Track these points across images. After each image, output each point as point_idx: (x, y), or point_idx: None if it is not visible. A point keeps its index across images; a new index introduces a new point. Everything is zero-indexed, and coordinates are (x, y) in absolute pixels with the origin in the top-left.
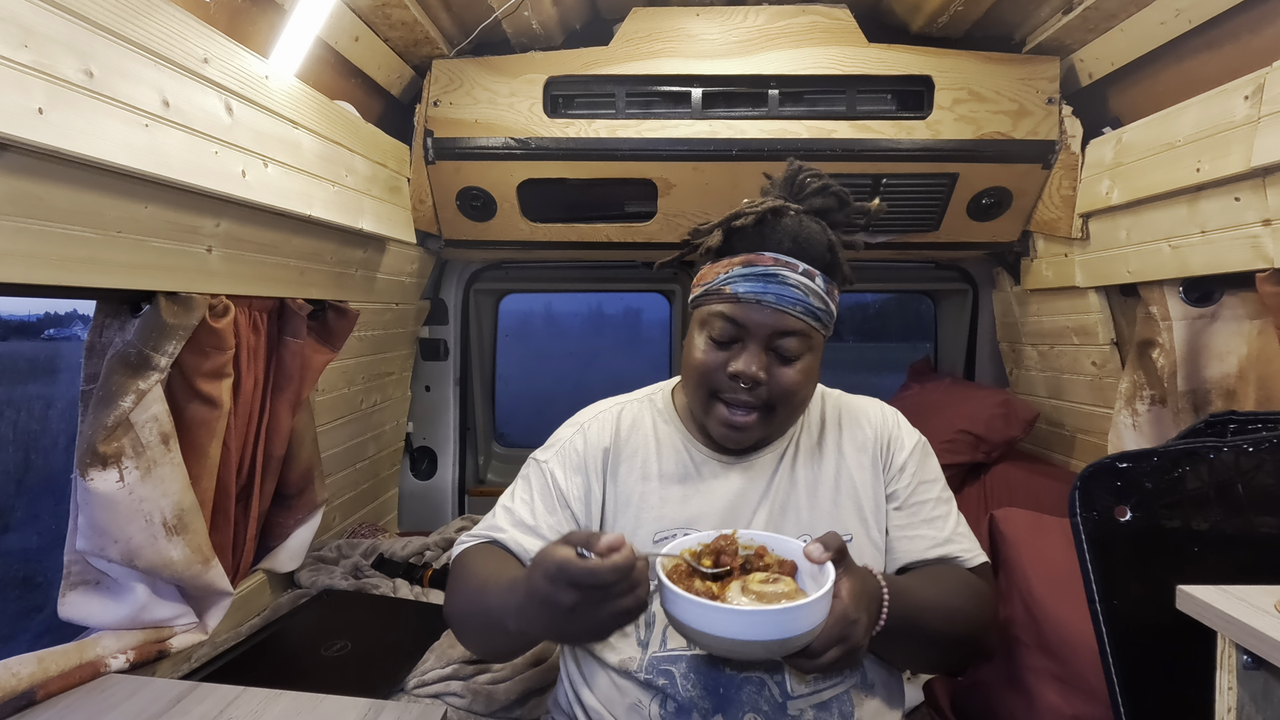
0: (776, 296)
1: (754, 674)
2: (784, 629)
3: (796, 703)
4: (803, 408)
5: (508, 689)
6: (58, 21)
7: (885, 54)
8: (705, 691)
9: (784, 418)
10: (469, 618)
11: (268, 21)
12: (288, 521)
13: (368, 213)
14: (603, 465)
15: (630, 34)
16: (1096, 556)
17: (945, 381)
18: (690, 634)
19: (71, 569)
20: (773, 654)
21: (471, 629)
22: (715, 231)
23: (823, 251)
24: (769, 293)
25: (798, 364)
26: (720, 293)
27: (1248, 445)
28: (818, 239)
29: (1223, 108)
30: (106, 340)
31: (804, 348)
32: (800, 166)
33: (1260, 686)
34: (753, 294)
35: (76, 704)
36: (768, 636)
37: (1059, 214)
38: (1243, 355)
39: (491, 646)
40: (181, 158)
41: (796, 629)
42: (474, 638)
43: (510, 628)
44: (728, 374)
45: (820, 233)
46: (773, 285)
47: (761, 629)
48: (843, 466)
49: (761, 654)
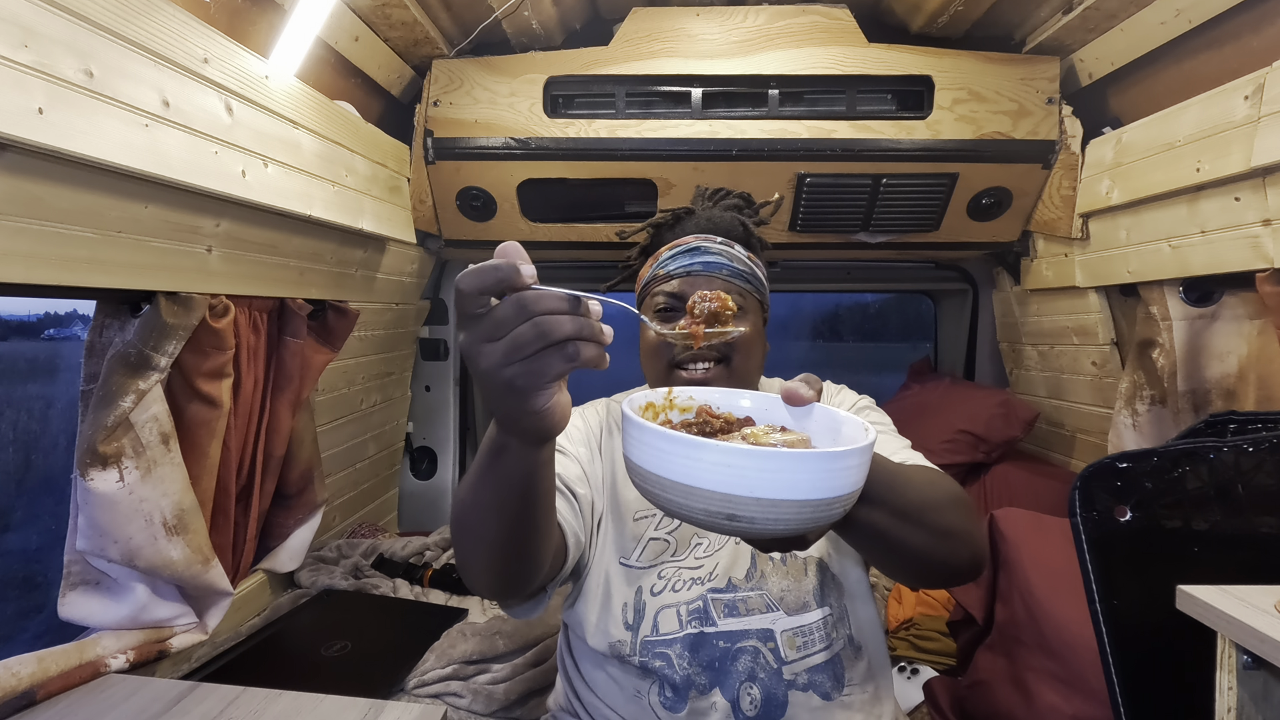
0: (704, 265)
1: (748, 644)
2: (837, 481)
3: (791, 667)
4: (757, 364)
5: (508, 689)
6: (58, 21)
7: (885, 54)
8: (701, 667)
9: (741, 370)
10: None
11: (268, 21)
12: (288, 521)
13: (368, 213)
14: (599, 443)
15: (630, 34)
16: (1096, 556)
17: (945, 381)
18: (693, 498)
19: (71, 569)
20: (812, 522)
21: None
22: (642, 231)
23: (736, 227)
24: (696, 262)
25: (739, 318)
26: (655, 278)
27: (1248, 445)
28: (730, 220)
29: (1223, 108)
30: (106, 340)
31: (740, 304)
32: (709, 189)
33: (1260, 686)
34: (682, 268)
35: (76, 704)
36: (817, 493)
37: (1059, 214)
38: (1243, 355)
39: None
40: (181, 158)
41: (847, 485)
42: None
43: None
44: (675, 353)
45: (732, 217)
46: (698, 256)
47: (812, 481)
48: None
49: (794, 524)
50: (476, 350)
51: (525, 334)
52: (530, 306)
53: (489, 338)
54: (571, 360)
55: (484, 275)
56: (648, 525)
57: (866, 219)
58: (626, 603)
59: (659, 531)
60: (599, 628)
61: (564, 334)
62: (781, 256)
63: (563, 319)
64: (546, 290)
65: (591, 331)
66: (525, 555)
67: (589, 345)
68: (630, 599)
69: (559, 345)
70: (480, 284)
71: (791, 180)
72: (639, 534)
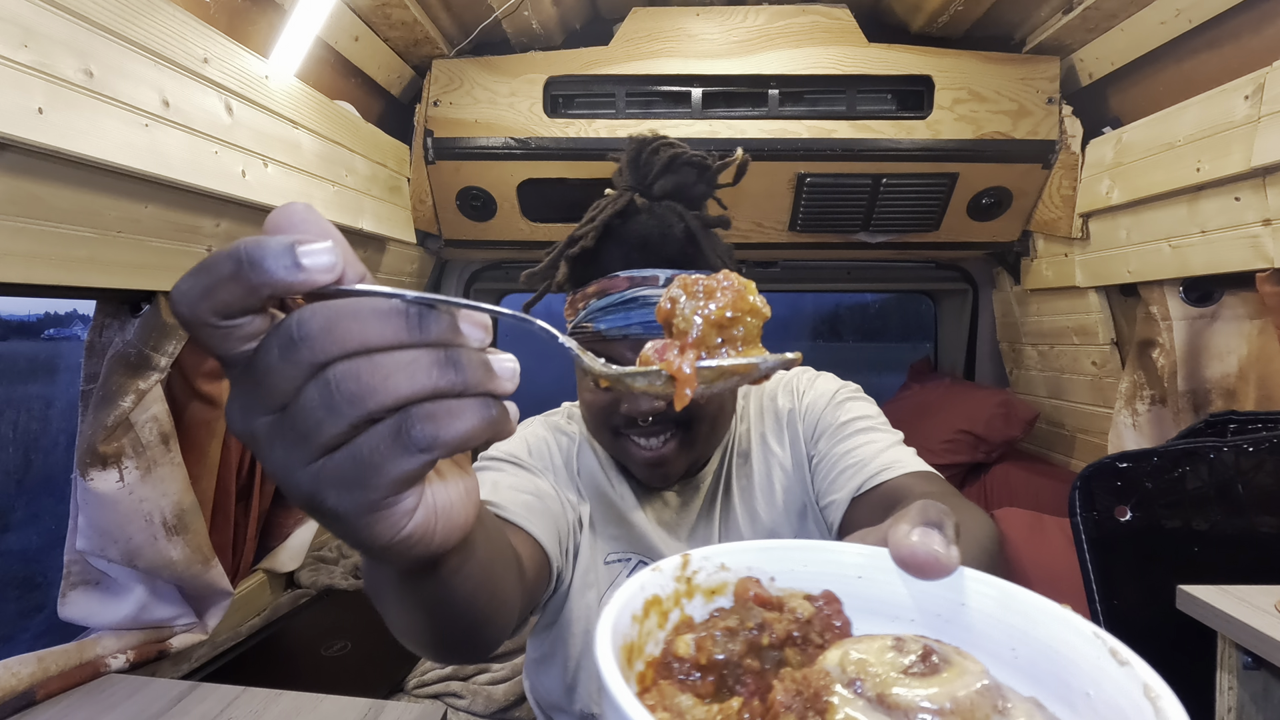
0: (642, 325)
1: None
2: None
3: None
4: (725, 423)
5: (507, 689)
6: (58, 21)
7: (885, 54)
8: None
9: (706, 433)
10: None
11: (268, 21)
12: (288, 521)
13: (368, 212)
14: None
15: (630, 34)
16: (1096, 556)
17: (945, 381)
18: None
19: (71, 569)
20: None
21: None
22: (558, 266)
23: (681, 246)
24: (633, 323)
25: None
26: (584, 331)
27: (1248, 445)
28: (672, 234)
29: (1223, 108)
30: (106, 340)
31: None
32: (644, 142)
33: (1260, 686)
34: (617, 329)
35: (76, 704)
36: None
37: (1059, 214)
38: (1243, 355)
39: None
40: (181, 158)
41: None
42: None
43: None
44: (621, 414)
45: (675, 223)
46: (635, 311)
47: None
48: (770, 459)
49: None
50: (246, 433)
51: (313, 404)
52: (317, 340)
53: (256, 408)
54: (427, 450)
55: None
56: (620, 570)
57: (866, 219)
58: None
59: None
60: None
61: (401, 394)
62: (781, 256)
63: (396, 358)
64: (351, 298)
65: (468, 377)
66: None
67: (467, 407)
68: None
69: (395, 421)
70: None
71: (791, 180)
72: (611, 578)
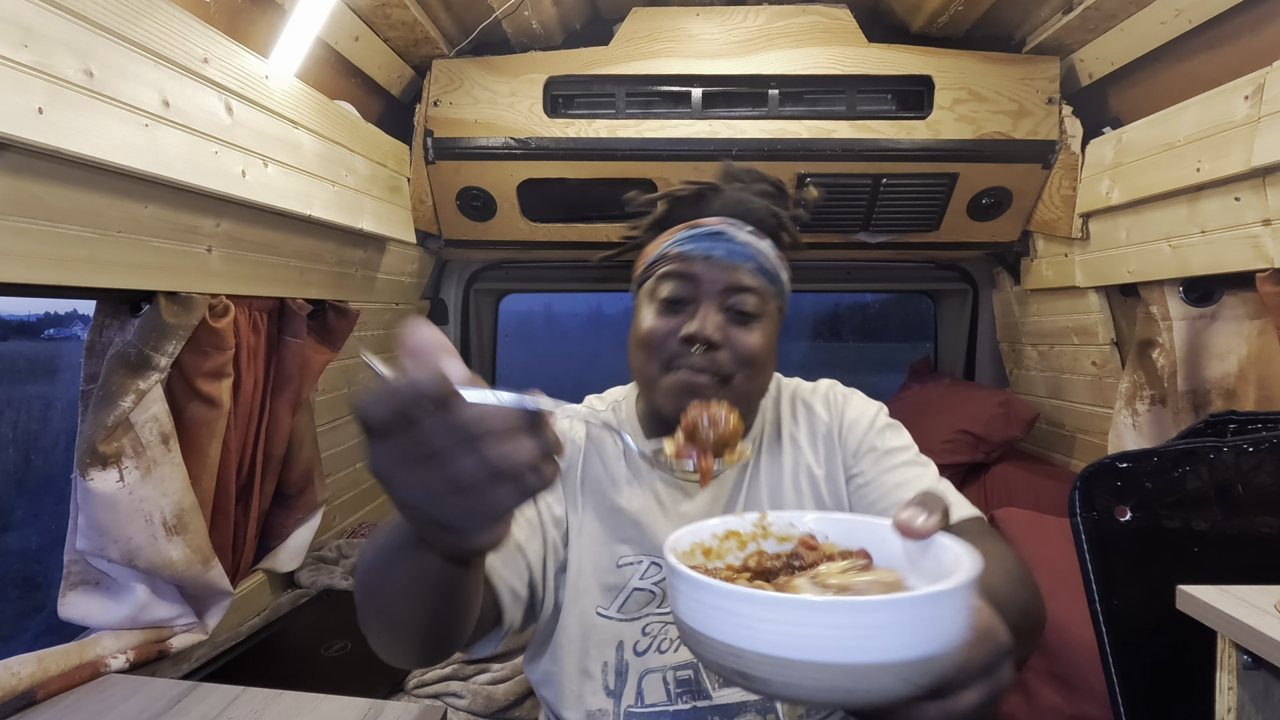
0: (727, 251)
1: (745, 717)
2: (929, 634)
3: None
4: (762, 387)
5: (508, 689)
6: (58, 21)
7: (885, 54)
8: None
9: (743, 390)
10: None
11: (268, 21)
12: (288, 521)
13: (368, 213)
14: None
15: (630, 34)
16: (1096, 556)
17: (945, 381)
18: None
19: (71, 569)
20: (895, 689)
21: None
22: (659, 203)
23: (766, 217)
24: (718, 247)
25: (756, 326)
26: (665, 257)
27: (1248, 445)
28: (760, 207)
29: (1223, 108)
30: (106, 340)
31: (761, 308)
32: (733, 164)
33: (1260, 686)
34: (701, 251)
35: (76, 704)
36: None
37: (1059, 214)
38: (1243, 355)
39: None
40: (181, 158)
41: (943, 637)
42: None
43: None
44: (680, 339)
45: (762, 204)
46: (721, 241)
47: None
48: (800, 459)
49: (877, 691)
50: (394, 477)
51: (466, 467)
52: (471, 430)
53: (411, 460)
54: (528, 494)
55: (394, 401)
56: (632, 573)
57: (866, 219)
58: (607, 662)
59: (644, 581)
60: (575, 695)
61: (521, 463)
62: None
63: (518, 445)
64: (490, 405)
65: (551, 451)
66: (445, 639)
67: (549, 466)
68: (611, 658)
69: (513, 477)
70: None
71: (791, 180)
72: (621, 582)
